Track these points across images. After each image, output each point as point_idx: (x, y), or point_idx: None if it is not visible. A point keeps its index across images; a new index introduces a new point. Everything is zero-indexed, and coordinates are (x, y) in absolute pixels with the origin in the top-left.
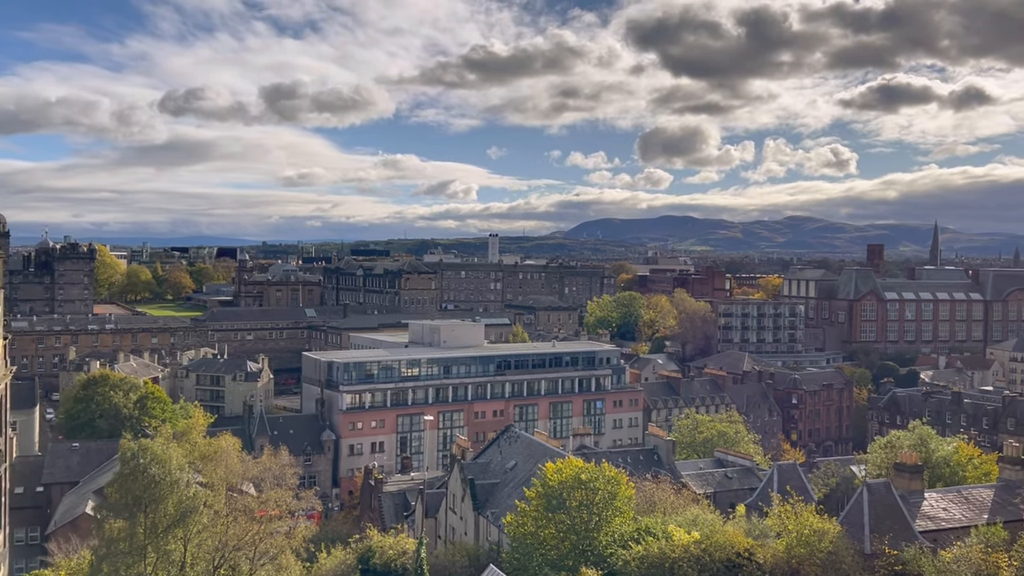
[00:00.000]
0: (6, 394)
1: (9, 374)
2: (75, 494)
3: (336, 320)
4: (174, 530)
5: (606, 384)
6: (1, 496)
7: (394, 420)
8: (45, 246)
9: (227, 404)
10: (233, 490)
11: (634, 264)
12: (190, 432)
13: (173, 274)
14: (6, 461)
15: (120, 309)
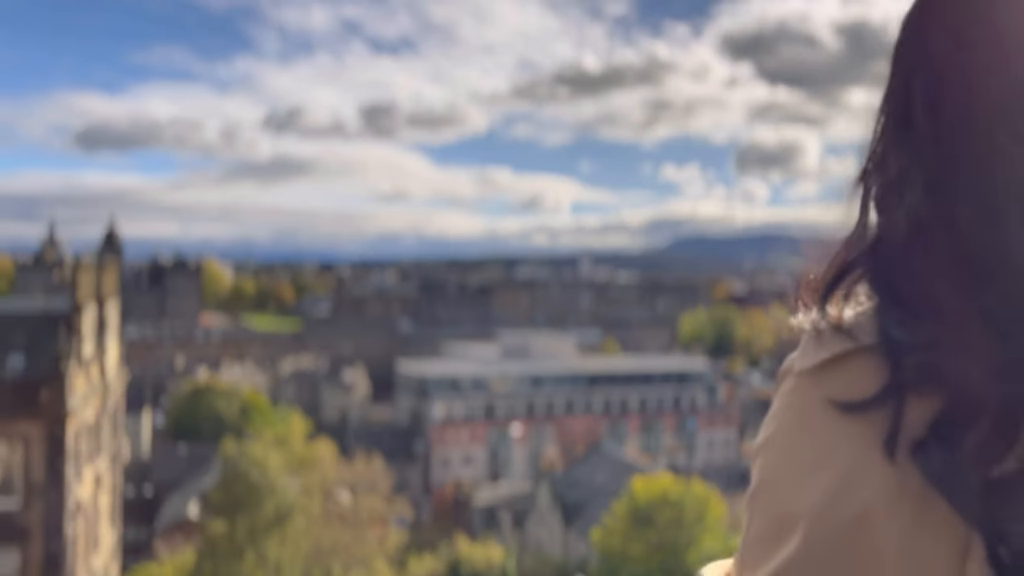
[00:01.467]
0: (122, 399)
1: (123, 379)
2: (180, 496)
3: (429, 332)
4: (271, 533)
5: (699, 401)
6: (115, 496)
7: (484, 432)
8: (156, 260)
9: (324, 412)
10: (328, 496)
11: (730, 279)
12: (288, 438)
13: (275, 286)
14: (121, 463)
15: (225, 319)
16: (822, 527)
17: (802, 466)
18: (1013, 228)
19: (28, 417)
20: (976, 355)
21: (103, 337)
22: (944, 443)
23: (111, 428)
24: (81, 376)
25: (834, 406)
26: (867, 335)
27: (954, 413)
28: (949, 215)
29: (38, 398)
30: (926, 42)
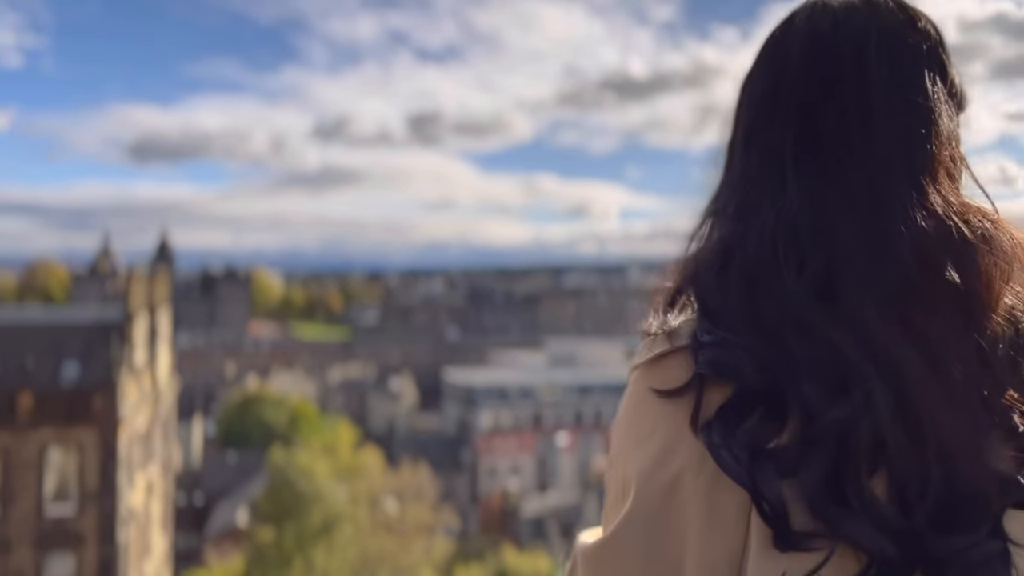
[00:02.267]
0: (173, 407)
1: (175, 387)
2: (230, 503)
3: (476, 341)
4: (319, 541)
5: None
6: (166, 503)
7: (531, 441)
8: (207, 270)
9: (372, 420)
10: (375, 504)
11: None
12: (336, 447)
13: (324, 295)
14: (172, 470)
15: (275, 328)
16: (648, 488)
17: (635, 441)
18: (779, 255)
19: (82, 424)
20: (751, 354)
21: (155, 346)
22: (724, 423)
23: (162, 436)
24: (133, 384)
25: (656, 393)
26: (684, 339)
27: (737, 400)
28: (743, 243)
29: (92, 406)
30: (741, 99)
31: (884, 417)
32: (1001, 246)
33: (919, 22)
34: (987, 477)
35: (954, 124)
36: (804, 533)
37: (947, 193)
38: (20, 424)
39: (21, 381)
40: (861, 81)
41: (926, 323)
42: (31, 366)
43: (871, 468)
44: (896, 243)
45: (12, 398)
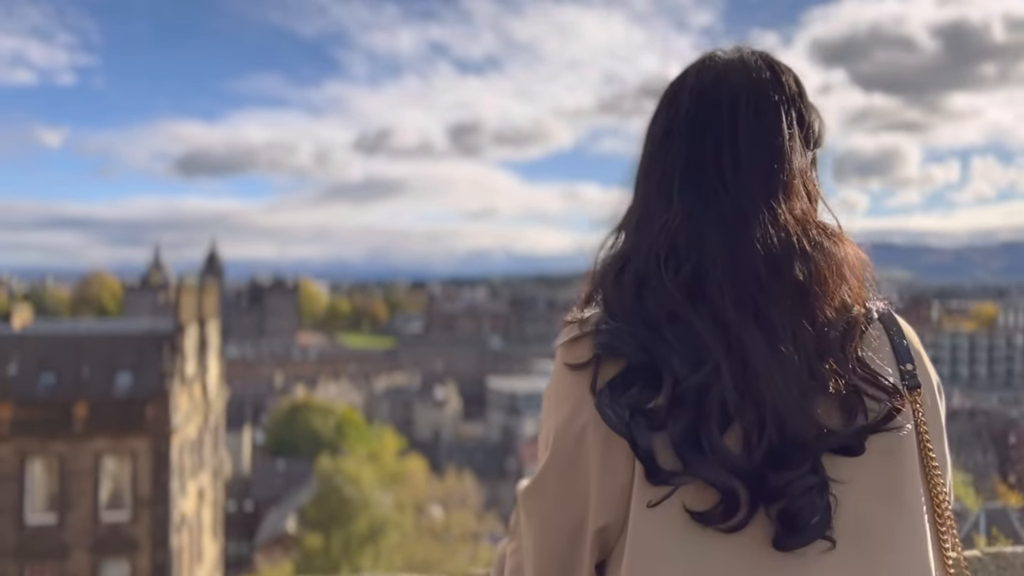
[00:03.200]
0: (222, 416)
1: (224, 397)
2: (279, 511)
3: (520, 349)
4: (365, 547)
5: None
6: (217, 510)
7: None
8: (255, 281)
9: (417, 428)
10: (421, 511)
11: None
12: (381, 455)
13: (369, 305)
14: (222, 478)
15: (321, 338)
16: (562, 439)
17: (555, 404)
18: (662, 262)
19: (136, 433)
20: (635, 338)
21: (205, 356)
22: (612, 390)
23: (213, 444)
24: (184, 394)
25: (568, 367)
26: (590, 326)
27: (624, 373)
28: (637, 252)
29: (144, 415)
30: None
31: (727, 384)
32: (834, 254)
33: (783, 78)
34: (810, 429)
35: (807, 159)
36: (669, 472)
37: (795, 213)
38: (76, 433)
39: (77, 392)
40: (733, 126)
41: (771, 313)
42: (86, 377)
43: (723, 424)
44: (751, 251)
45: (68, 408)
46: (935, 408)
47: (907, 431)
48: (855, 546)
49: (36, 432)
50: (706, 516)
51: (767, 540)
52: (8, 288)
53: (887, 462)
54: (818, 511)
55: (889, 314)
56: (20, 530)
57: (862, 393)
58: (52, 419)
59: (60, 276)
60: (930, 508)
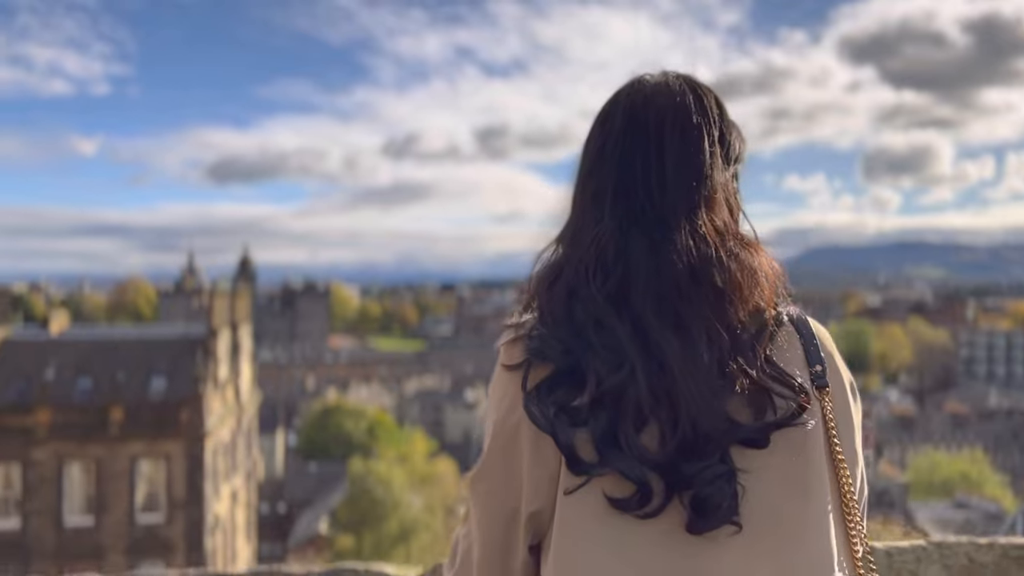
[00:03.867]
0: (255, 419)
1: (256, 400)
2: (312, 512)
3: None
4: (396, 548)
5: None
6: (250, 512)
7: None
8: (287, 285)
9: (447, 430)
10: (450, 513)
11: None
12: (412, 456)
13: (399, 308)
14: (256, 480)
15: (352, 341)
16: (499, 434)
17: (496, 400)
18: (590, 272)
19: (170, 436)
20: (561, 343)
21: (237, 360)
22: (539, 391)
23: (246, 447)
24: (217, 397)
25: (505, 368)
26: (524, 331)
27: (552, 376)
28: (570, 263)
29: (179, 418)
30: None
31: (642, 385)
32: (749, 263)
33: (704, 100)
34: (719, 423)
35: (727, 175)
36: (588, 463)
37: (716, 224)
38: (112, 437)
39: (112, 396)
40: (659, 145)
41: (689, 318)
42: (121, 381)
43: (639, 421)
44: (673, 261)
45: (105, 412)
46: (845, 406)
47: (812, 427)
48: (761, 530)
49: (73, 436)
50: (623, 503)
51: (681, 524)
52: (46, 294)
53: (794, 456)
54: (726, 498)
55: (801, 318)
56: (59, 532)
57: (771, 391)
58: (89, 423)
59: (96, 282)
60: (837, 500)
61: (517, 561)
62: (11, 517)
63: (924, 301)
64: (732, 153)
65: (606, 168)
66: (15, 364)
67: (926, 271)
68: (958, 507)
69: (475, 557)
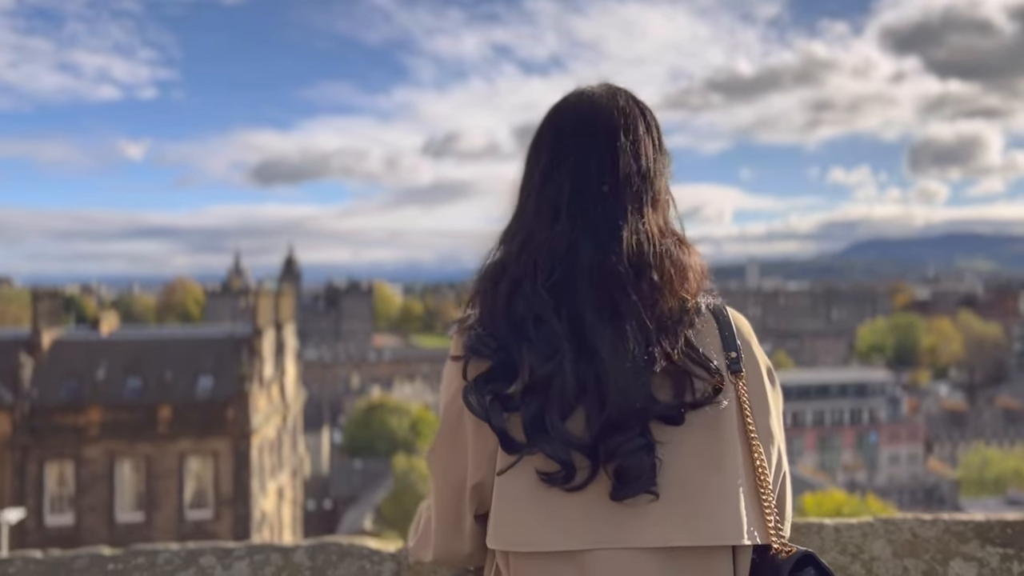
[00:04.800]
0: (300, 417)
1: (301, 398)
2: (357, 510)
3: None
4: None
5: (880, 415)
6: (296, 509)
7: None
8: (332, 284)
9: None
10: None
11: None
12: None
13: (442, 306)
14: (301, 477)
15: (396, 339)
16: (447, 415)
17: (445, 384)
18: (536, 270)
19: (217, 434)
20: (494, 339)
21: (282, 359)
22: (476, 383)
23: (291, 444)
24: (263, 395)
25: (452, 358)
26: (467, 323)
27: (490, 369)
28: (516, 262)
29: (225, 417)
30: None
31: (569, 374)
32: (680, 257)
33: (645, 108)
34: (640, 400)
35: (664, 177)
36: (519, 444)
37: (658, 224)
38: (161, 435)
39: (161, 395)
40: (612, 150)
41: (625, 310)
42: (169, 380)
43: (565, 408)
44: (618, 257)
45: (154, 411)
46: (760, 389)
47: (725, 406)
48: (677, 499)
49: (124, 434)
50: (551, 478)
51: (606, 494)
52: (97, 296)
53: (708, 432)
54: (645, 469)
55: (720, 308)
56: (111, 528)
57: (690, 373)
58: (138, 421)
59: (145, 283)
60: (751, 475)
61: (465, 528)
62: (66, 513)
63: (974, 294)
64: (668, 157)
65: (562, 172)
66: (67, 364)
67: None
68: (1011, 504)
69: (432, 525)
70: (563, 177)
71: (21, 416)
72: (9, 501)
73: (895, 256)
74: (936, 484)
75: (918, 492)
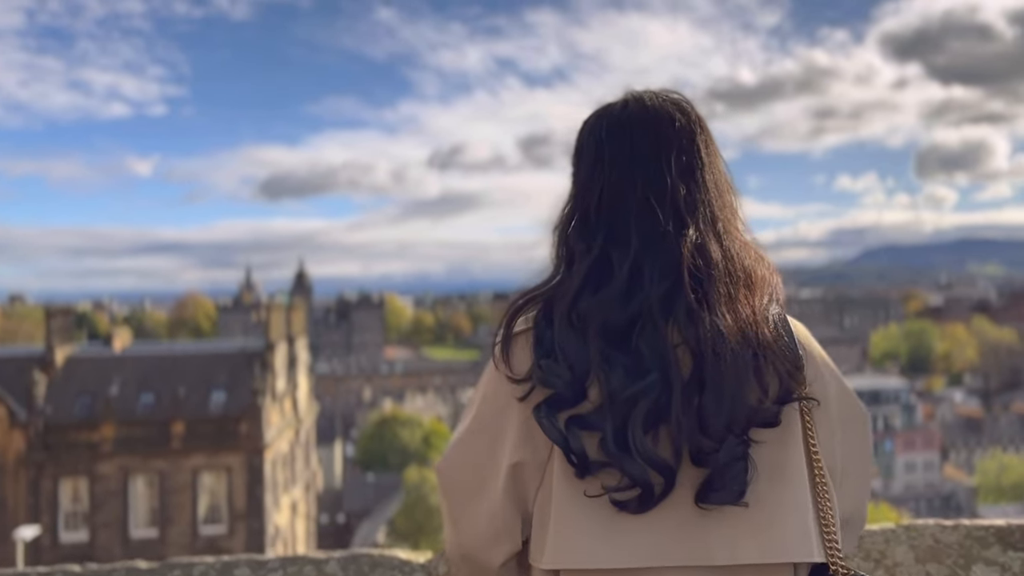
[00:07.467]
0: (312, 430)
1: (314, 412)
2: (371, 523)
3: None
4: None
5: (895, 423)
6: (310, 523)
7: None
8: (343, 297)
9: None
10: None
11: (924, 291)
12: None
13: (452, 318)
14: (315, 491)
15: (407, 352)
16: (486, 407)
17: (487, 389)
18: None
19: (230, 449)
20: (568, 370)
21: (294, 373)
22: (548, 406)
23: (304, 458)
24: (275, 410)
25: (510, 379)
26: (520, 334)
27: (556, 395)
28: (570, 285)
29: (238, 432)
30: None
31: (660, 388)
32: (755, 269)
33: (691, 111)
34: (744, 411)
35: (725, 181)
36: (595, 464)
37: (735, 235)
38: (174, 450)
39: (174, 410)
40: (668, 163)
41: (720, 322)
42: (182, 396)
43: (650, 425)
44: (691, 276)
45: (167, 426)
46: (824, 398)
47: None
48: (744, 512)
49: (137, 450)
50: (625, 505)
51: (675, 508)
52: (109, 312)
53: (774, 440)
54: (739, 476)
55: (783, 317)
56: (125, 544)
57: (779, 373)
58: (152, 437)
59: (157, 299)
60: (812, 487)
61: (499, 526)
62: (80, 530)
63: (988, 299)
64: (722, 160)
65: (623, 194)
66: (81, 381)
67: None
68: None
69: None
70: (626, 198)
71: (35, 433)
72: (24, 518)
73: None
74: (953, 491)
75: (935, 500)
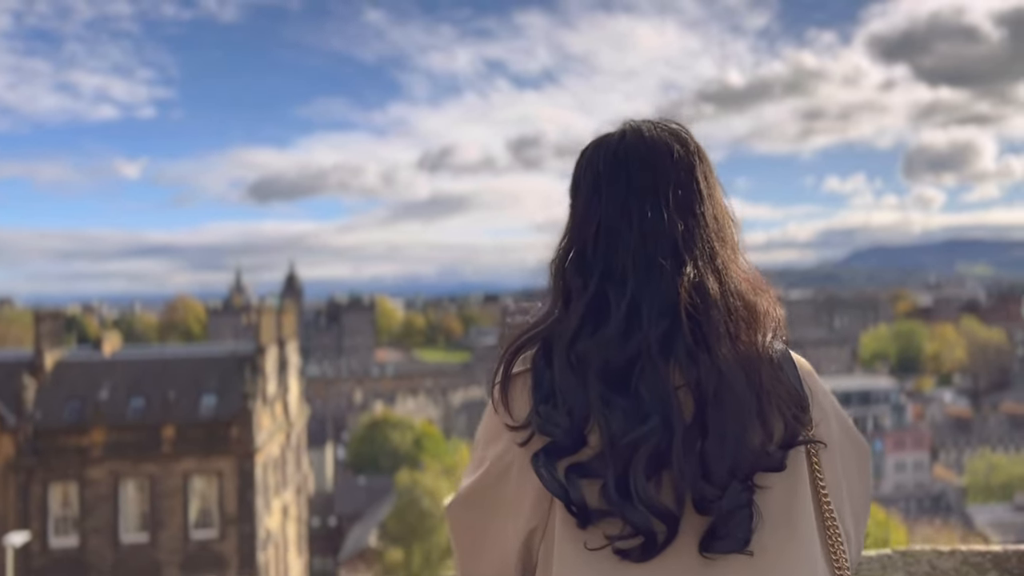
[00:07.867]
0: (303, 434)
1: (305, 415)
2: (362, 526)
3: None
4: (446, 560)
5: (885, 423)
6: (301, 526)
7: None
8: (333, 300)
9: None
10: None
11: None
12: (459, 468)
13: (443, 320)
14: (306, 494)
15: (398, 354)
16: (494, 466)
17: (490, 435)
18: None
19: (221, 453)
20: (567, 417)
21: (285, 376)
22: (546, 455)
23: (295, 461)
24: (266, 413)
25: (508, 427)
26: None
27: (555, 442)
28: (567, 325)
29: (229, 435)
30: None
31: (662, 434)
32: (756, 304)
33: (690, 141)
34: (748, 456)
35: (725, 212)
36: (596, 514)
37: (737, 269)
38: (165, 455)
39: (164, 414)
40: (666, 199)
41: (720, 363)
42: (173, 400)
43: (651, 471)
44: (690, 315)
45: (157, 431)
46: (829, 439)
47: (796, 458)
48: (747, 561)
49: (128, 454)
50: (628, 554)
51: (677, 556)
52: (99, 315)
53: (781, 484)
54: (744, 523)
55: (786, 354)
56: (115, 549)
57: (784, 416)
58: (142, 441)
59: (147, 302)
60: (821, 531)
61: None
62: (70, 535)
63: (976, 300)
64: (722, 189)
65: (620, 230)
66: (70, 385)
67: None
68: (1018, 510)
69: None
70: (625, 235)
71: (24, 438)
72: (13, 524)
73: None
74: (943, 491)
75: (924, 500)
